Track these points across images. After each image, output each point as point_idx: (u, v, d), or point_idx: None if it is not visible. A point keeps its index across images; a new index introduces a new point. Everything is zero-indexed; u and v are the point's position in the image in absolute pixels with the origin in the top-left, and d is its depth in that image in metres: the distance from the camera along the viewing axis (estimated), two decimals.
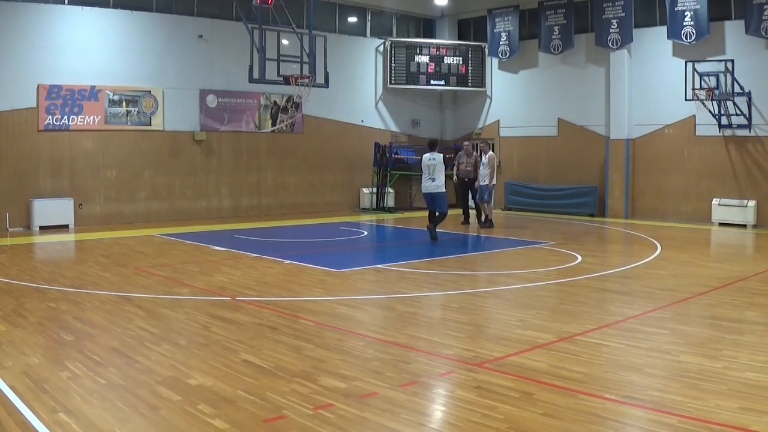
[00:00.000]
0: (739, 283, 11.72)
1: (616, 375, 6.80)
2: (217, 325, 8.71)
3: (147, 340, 7.92)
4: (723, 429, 5.39)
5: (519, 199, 25.17)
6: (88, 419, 5.53)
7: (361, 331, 8.55)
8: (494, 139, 26.34)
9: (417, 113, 27.08)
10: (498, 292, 11.11)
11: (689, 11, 20.53)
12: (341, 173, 24.93)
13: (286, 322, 8.84)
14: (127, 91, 20.25)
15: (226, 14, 21.96)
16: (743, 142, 20.23)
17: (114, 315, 9.22)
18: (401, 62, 25.81)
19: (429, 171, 17.06)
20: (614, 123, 22.72)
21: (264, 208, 23.15)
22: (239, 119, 22.51)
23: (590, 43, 23.31)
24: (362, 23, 25.90)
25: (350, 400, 6.02)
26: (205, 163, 21.92)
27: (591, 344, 7.85)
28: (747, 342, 8.00)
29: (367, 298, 10.81)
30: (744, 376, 6.65)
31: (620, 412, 5.82)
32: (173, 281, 11.69)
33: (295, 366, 6.98)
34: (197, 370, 6.85)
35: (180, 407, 5.82)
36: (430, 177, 17.07)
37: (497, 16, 25.70)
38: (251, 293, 10.70)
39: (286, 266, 13.27)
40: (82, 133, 19.58)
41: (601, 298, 10.79)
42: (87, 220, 19.59)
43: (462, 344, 7.94)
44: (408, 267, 13.20)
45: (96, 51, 19.73)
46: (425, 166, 17.15)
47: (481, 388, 6.34)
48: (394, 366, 7.05)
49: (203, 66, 21.61)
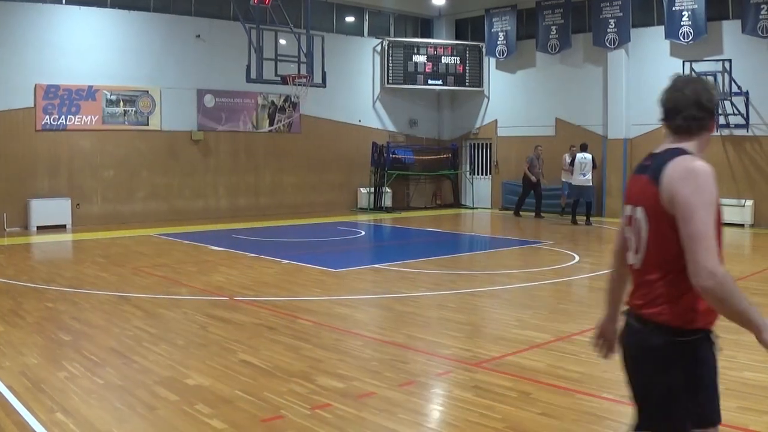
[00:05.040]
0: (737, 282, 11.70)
1: (614, 374, 6.77)
2: (215, 325, 8.71)
3: (145, 341, 7.91)
4: (722, 428, 5.33)
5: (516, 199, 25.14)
6: (86, 419, 5.53)
7: (359, 331, 8.56)
8: (492, 139, 26.37)
9: (414, 113, 27.07)
10: (495, 292, 11.12)
11: (687, 11, 20.54)
12: (339, 173, 24.91)
13: (284, 322, 8.84)
14: (124, 91, 20.23)
15: (223, 14, 21.94)
16: (741, 141, 20.23)
17: (112, 315, 9.21)
18: (399, 62, 25.80)
19: (581, 168, 20.38)
20: (612, 123, 22.74)
21: (262, 208, 23.13)
22: (237, 119, 22.50)
23: (588, 42, 23.32)
24: (360, 23, 25.90)
25: (348, 400, 6.02)
26: (203, 163, 21.91)
27: (589, 344, 7.81)
28: (745, 341, 7.93)
29: (365, 298, 10.82)
30: (743, 376, 6.65)
31: (618, 412, 5.82)
32: (171, 281, 11.69)
33: (292, 366, 6.98)
34: (195, 370, 6.85)
35: (178, 407, 5.82)
36: (582, 173, 20.35)
37: (495, 15, 25.70)
38: (249, 293, 10.70)
39: (284, 266, 13.28)
40: (79, 133, 19.56)
41: (598, 298, 10.75)
42: (85, 220, 19.57)
43: (460, 344, 7.94)
44: (406, 267, 13.21)
45: (93, 51, 19.70)
46: (579, 164, 20.44)
47: (479, 388, 6.34)
48: (392, 366, 7.05)
49: (201, 66, 21.58)
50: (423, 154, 26.32)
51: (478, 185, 27.13)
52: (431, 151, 26.69)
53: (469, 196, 27.17)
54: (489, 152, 26.81)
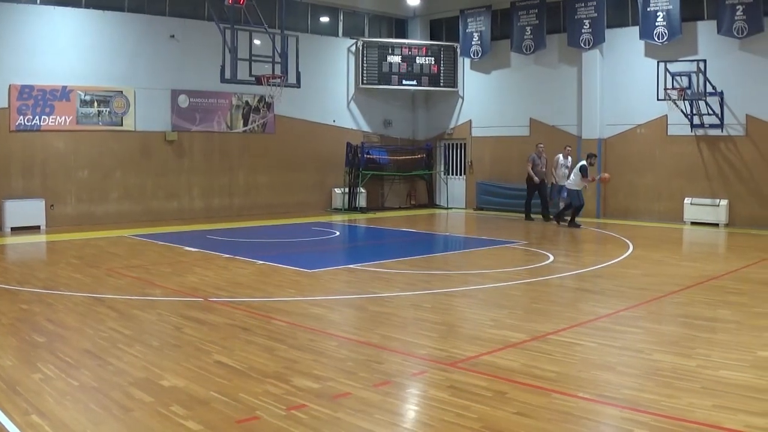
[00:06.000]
0: (712, 281, 11.84)
1: (590, 374, 6.85)
2: (190, 326, 8.68)
3: (119, 342, 7.87)
4: (697, 427, 5.43)
5: (491, 199, 25.27)
6: (61, 421, 5.49)
7: (334, 332, 8.55)
8: (466, 139, 26.43)
9: (389, 113, 27.09)
10: (470, 292, 11.15)
11: (662, 11, 20.69)
12: (313, 173, 24.87)
13: (259, 323, 8.82)
14: (98, 92, 20.09)
15: (198, 14, 21.83)
16: (715, 141, 20.41)
17: (86, 317, 9.15)
18: (373, 62, 25.81)
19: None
20: (586, 123, 22.85)
21: (236, 208, 23.06)
22: (211, 119, 22.41)
23: (562, 43, 23.44)
24: (334, 23, 25.87)
25: (323, 400, 6.02)
26: (177, 163, 21.81)
27: (564, 343, 7.89)
28: (720, 340, 8.06)
29: (339, 298, 10.82)
30: (718, 374, 6.71)
31: (594, 411, 5.86)
32: (145, 282, 11.63)
33: (267, 367, 6.97)
34: (170, 371, 6.83)
35: (153, 409, 5.79)
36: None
37: (469, 16, 25.77)
38: (224, 294, 10.67)
39: (259, 267, 13.24)
40: (53, 134, 19.40)
41: (573, 297, 10.87)
42: (59, 221, 19.41)
43: (435, 344, 7.96)
44: (380, 267, 13.22)
45: (68, 51, 19.56)
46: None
47: (455, 388, 6.36)
48: (367, 366, 7.06)
49: (175, 66, 21.48)
50: (397, 155, 26.31)
51: (452, 185, 27.17)
52: (406, 152, 26.68)
53: (444, 196, 27.20)
54: (463, 152, 26.88)
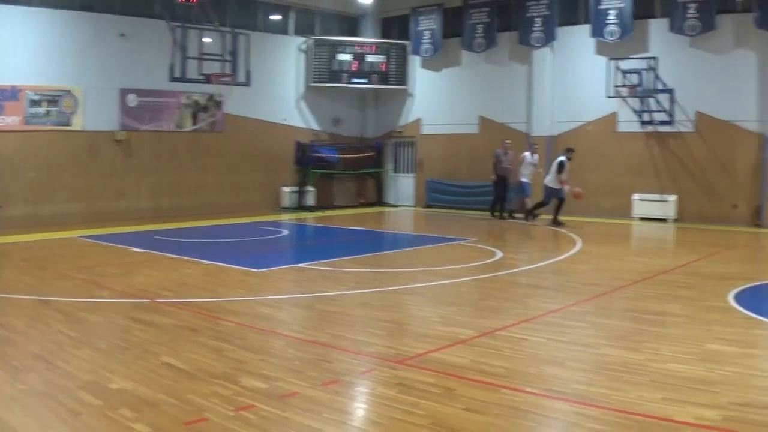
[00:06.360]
0: (660, 276, 12.02)
1: (538, 369, 6.93)
2: (138, 328, 8.61)
3: (67, 345, 7.78)
4: (646, 420, 5.52)
5: (440, 197, 25.43)
6: (10, 426, 5.42)
7: (282, 331, 8.55)
8: (416, 137, 26.52)
9: (338, 112, 27.09)
10: (418, 289, 11.18)
11: (613, 9, 20.99)
12: (262, 172, 24.77)
13: (207, 324, 8.78)
14: (47, 91, 19.77)
15: (148, 12, 21.56)
16: (665, 138, 20.75)
17: (33, 319, 9.03)
18: (323, 60, 25.76)
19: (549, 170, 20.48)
20: (536, 120, 23.10)
21: (184, 208, 22.84)
22: (160, 118, 22.21)
23: (513, 41, 23.66)
24: (285, 21, 25.79)
25: (272, 400, 6.02)
26: (125, 163, 21.56)
27: (512, 339, 7.97)
28: (669, 334, 8.19)
29: (288, 297, 10.80)
30: (666, 368, 6.83)
31: (543, 406, 5.94)
32: (93, 284, 11.50)
33: (216, 368, 6.95)
34: (118, 374, 6.77)
35: (101, 412, 5.75)
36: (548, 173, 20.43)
37: (421, 14, 25.88)
38: (171, 295, 10.59)
39: (206, 267, 13.16)
40: (2, 135, 19.08)
41: (522, 293, 10.98)
42: (6, 222, 19.04)
43: (383, 342, 7.99)
44: (329, 266, 13.21)
45: (16, 50, 19.19)
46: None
47: (403, 385, 6.40)
48: (316, 365, 7.07)
49: (124, 65, 21.20)
50: (347, 153, 26.33)
51: (401, 183, 27.29)
52: (355, 150, 26.72)
53: (393, 194, 27.30)
54: (413, 150, 26.97)
